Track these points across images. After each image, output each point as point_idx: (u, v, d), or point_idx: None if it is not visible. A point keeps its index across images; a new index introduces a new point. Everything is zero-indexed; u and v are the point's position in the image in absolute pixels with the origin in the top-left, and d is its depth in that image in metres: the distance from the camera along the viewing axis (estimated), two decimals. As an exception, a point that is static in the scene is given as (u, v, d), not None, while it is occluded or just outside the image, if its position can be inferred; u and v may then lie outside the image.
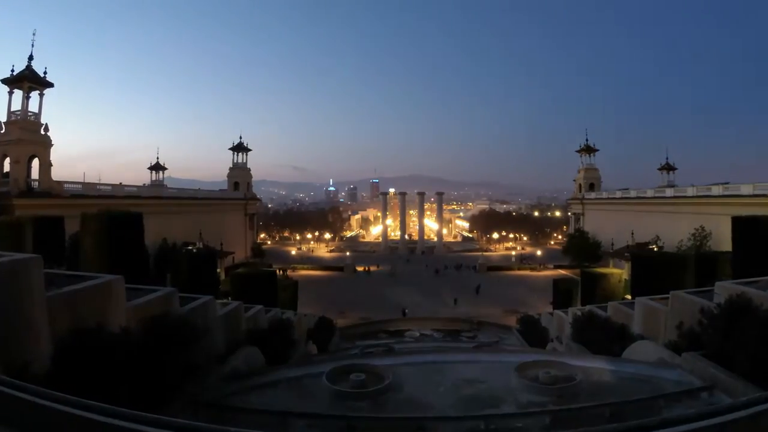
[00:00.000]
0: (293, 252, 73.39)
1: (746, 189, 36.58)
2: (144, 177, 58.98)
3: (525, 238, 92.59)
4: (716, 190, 40.07)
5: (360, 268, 59.54)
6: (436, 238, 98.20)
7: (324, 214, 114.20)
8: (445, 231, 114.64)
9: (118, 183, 43.96)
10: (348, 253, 68.63)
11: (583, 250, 52.48)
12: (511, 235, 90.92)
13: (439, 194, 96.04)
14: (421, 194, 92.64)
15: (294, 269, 57.43)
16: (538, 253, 67.92)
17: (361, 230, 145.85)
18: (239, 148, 68.30)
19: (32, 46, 33.16)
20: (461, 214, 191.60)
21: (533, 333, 23.69)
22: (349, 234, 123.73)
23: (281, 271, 47.28)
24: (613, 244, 50.21)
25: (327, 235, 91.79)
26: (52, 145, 34.04)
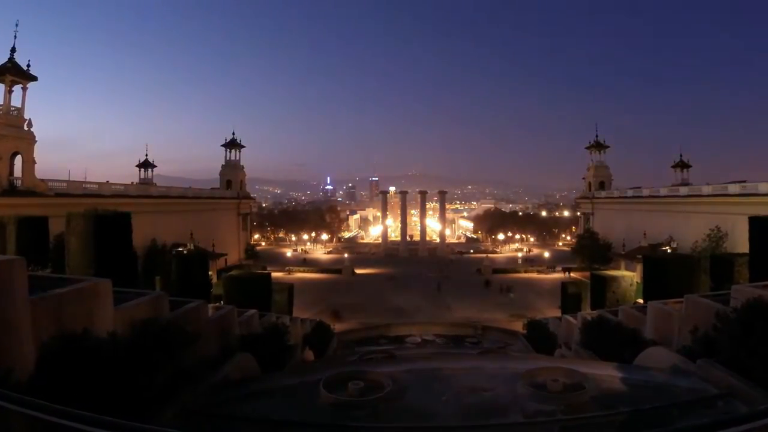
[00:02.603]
0: (289, 253, 73.42)
1: (764, 188, 36.54)
2: (131, 172, 58.92)
3: (532, 239, 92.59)
4: (733, 189, 40.02)
5: (359, 271, 59.58)
6: (438, 239, 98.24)
7: (321, 214, 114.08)
8: (448, 231, 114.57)
9: (105, 181, 43.91)
10: (346, 255, 68.64)
11: (593, 251, 52.49)
12: (517, 236, 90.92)
13: (442, 193, 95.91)
14: (423, 193, 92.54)
15: (289, 271, 57.42)
16: (546, 254, 67.90)
17: (360, 231, 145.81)
18: (232, 144, 68.27)
19: (15, 37, 33.14)
20: (465, 213, 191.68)
21: (540, 338, 23.73)
22: (347, 235, 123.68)
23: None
24: (624, 245, 50.22)
25: (324, 236, 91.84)
26: (36, 141, 34.03)
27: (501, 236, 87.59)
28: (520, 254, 74.86)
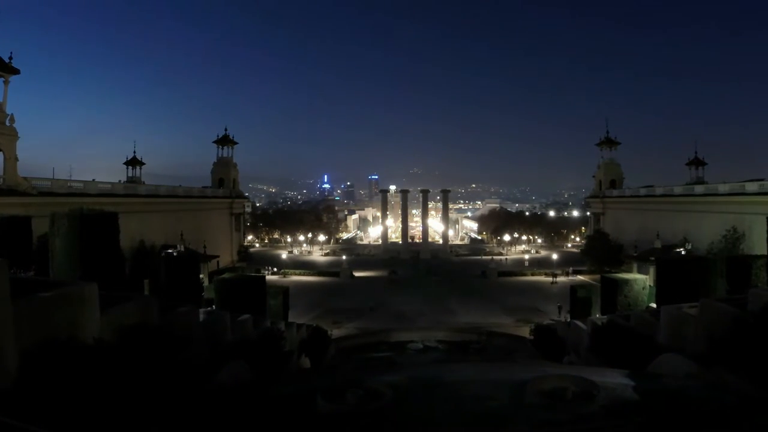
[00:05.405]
0: (284, 255, 73.44)
1: (783, 186, 36.58)
2: (119, 169, 58.94)
3: (539, 241, 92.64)
4: (751, 188, 39.98)
5: (358, 273, 59.61)
6: (441, 240, 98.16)
7: (318, 214, 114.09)
8: (451, 232, 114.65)
9: (91, 179, 43.96)
10: (344, 257, 68.64)
11: (604, 253, 52.47)
12: (524, 237, 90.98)
13: (445, 192, 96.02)
14: (425, 192, 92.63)
15: (285, 274, 57.44)
16: (554, 256, 67.90)
17: (358, 231, 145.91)
18: (224, 141, 68.22)
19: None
20: (469, 213, 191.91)
21: (548, 344, 23.76)
22: (345, 236, 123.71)
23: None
24: (636, 247, 50.24)
25: (321, 237, 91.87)
26: (19, 137, 34.04)
27: (507, 237, 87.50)
28: (527, 256, 74.85)
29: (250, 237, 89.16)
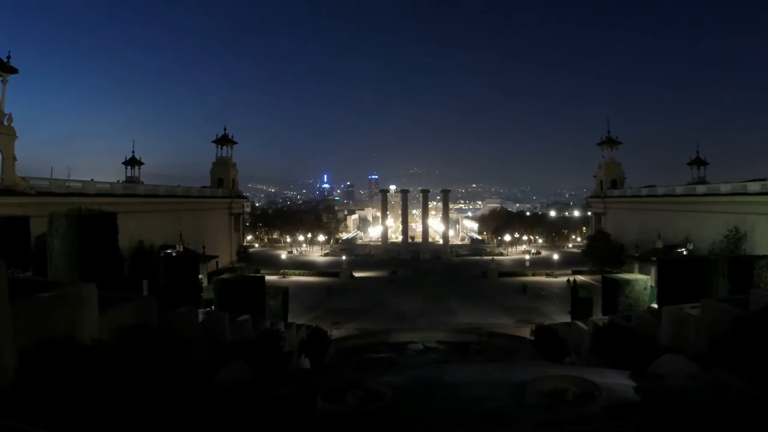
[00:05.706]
0: (283, 256, 73.48)
1: (785, 186, 36.56)
2: (118, 169, 58.90)
3: (540, 241, 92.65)
4: (753, 187, 39.90)
5: (358, 274, 59.64)
6: (441, 240, 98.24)
7: (317, 214, 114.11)
8: (451, 232, 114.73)
9: (89, 179, 43.92)
10: (344, 257, 68.64)
11: (605, 253, 52.49)
12: (525, 237, 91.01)
13: (445, 192, 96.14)
14: (425, 191, 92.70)
15: (284, 275, 57.48)
16: (555, 256, 67.89)
17: (358, 231, 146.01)
18: (224, 140, 68.18)
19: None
20: (469, 213, 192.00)
21: (549, 345, 23.76)
22: (345, 236, 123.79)
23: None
24: (637, 247, 50.24)
25: (321, 237, 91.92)
26: (17, 137, 34.02)
27: (507, 237, 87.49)
28: (527, 256, 74.85)
29: (249, 237, 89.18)
